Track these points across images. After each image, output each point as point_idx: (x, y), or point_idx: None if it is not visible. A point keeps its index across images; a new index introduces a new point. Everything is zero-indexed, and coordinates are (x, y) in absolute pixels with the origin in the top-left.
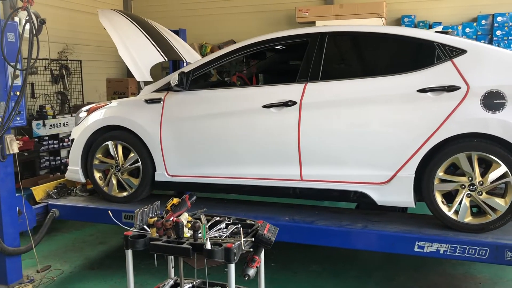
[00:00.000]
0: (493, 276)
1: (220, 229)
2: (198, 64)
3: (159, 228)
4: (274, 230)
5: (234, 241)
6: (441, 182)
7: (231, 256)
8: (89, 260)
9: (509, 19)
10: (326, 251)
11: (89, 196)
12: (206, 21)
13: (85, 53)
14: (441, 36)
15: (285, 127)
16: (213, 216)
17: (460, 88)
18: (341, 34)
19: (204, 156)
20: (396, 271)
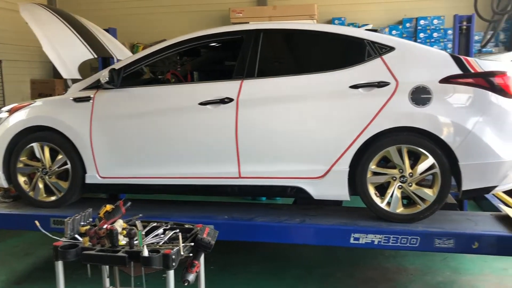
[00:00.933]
0: (423, 266)
1: (157, 235)
2: (130, 60)
3: (92, 236)
4: (213, 234)
5: (172, 247)
6: (373, 175)
7: (170, 262)
8: (15, 274)
9: (431, 22)
10: (266, 252)
11: (13, 202)
12: (138, 20)
13: (6, 52)
14: (370, 33)
15: (222, 125)
16: (149, 222)
17: (389, 84)
18: (276, 31)
19: (138, 156)
20: (334, 267)
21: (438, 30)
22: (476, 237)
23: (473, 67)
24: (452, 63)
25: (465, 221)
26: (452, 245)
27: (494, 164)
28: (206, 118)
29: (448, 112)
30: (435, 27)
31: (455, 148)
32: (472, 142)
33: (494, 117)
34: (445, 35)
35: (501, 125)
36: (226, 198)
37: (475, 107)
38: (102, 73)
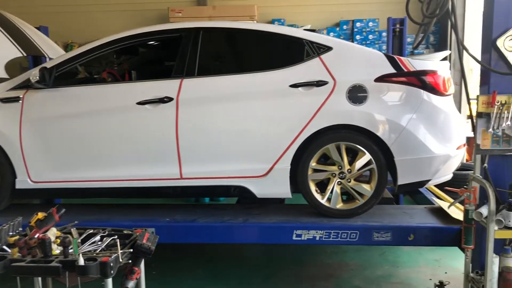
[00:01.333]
0: (363, 261)
1: (94, 243)
2: (63, 59)
3: (21, 247)
4: (154, 239)
5: (110, 254)
6: (314, 172)
7: (108, 270)
8: None
9: (366, 25)
10: (209, 254)
11: None
12: (72, 18)
13: None
14: (309, 33)
15: (162, 125)
16: (86, 229)
17: (328, 83)
18: (216, 30)
19: (74, 159)
20: (277, 266)
21: (373, 32)
22: (411, 230)
23: (406, 66)
24: (387, 62)
25: (401, 214)
26: (390, 238)
27: (427, 159)
28: (144, 118)
29: (383, 110)
30: (371, 30)
31: (390, 145)
32: (406, 138)
33: (426, 114)
34: (380, 37)
35: (433, 121)
36: (168, 200)
37: (409, 105)
38: (32, 72)
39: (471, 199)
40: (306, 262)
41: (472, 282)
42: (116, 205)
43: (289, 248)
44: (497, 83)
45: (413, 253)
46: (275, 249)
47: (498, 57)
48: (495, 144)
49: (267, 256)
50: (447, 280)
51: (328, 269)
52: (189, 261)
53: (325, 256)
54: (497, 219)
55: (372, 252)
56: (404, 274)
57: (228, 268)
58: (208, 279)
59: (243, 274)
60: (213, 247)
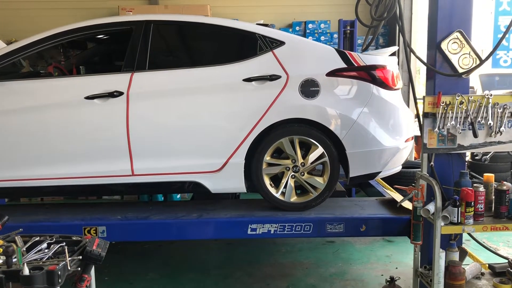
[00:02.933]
0: (317, 260)
1: (40, 250)
2: (5, 51)
3: None
4: (104, 245)
5: (58, 262)
6: (268, 166)
7: (55, 279)
8: None
9: (318, 26)
10: (161, 257)
11: None
12: (16, 15)
13: None
14: (262, 28)
15: (112, 120)
16: (31, 236)
17: (280, 77)
18: (167, 23)
19: (18, 156)
20: (232, 267)
21: (325, 33)
22: (363, 221)
23: (356, 61)
24: (338, 57)
25: (354, 206)
26: (342, 229)
27: (377, 152)
28: (93, 113)
29: (334, 104)
30: (322, 31)
31: (342, 138)
32: (357, 131)
33: (376, 108)
34: (331, 39)
35: (382, 115)
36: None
37: (359, 99)
38: None
39: (419, 196)
40: (261, 262)
41: (421, 276)
42: (64, 204)
43: (244, 248)
44: (442, 84)
45: (365, 250)
46: (229, 249)
47: (443, 59)
48: (441, 143)
49: (222, 257)
50: (398, 276)
51: (283, 268)
52: (141, 265)
53: (280, 255)
54: (443, 215)
55: (326, 250)
56: (357, 271)
57: (181, 270)
58: (161, 282)
59: (197, 276)
60: (167, 249)
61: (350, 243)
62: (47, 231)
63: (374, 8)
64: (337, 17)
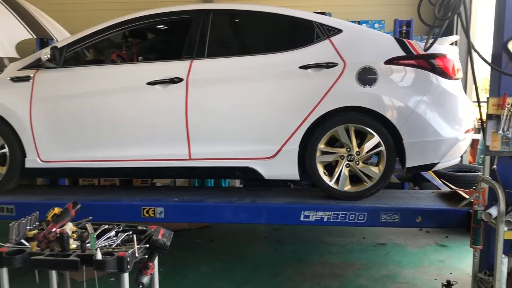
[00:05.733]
0: (367, 261)
1: (109, 238)
2: (72, 39)
3: (40, 241)
4: (168, 235)
5: (126, 249)
6: (322, 154)
7: (124, 265)
8: None
9: (372, 26)
10: (214, 251)
11: None
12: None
13: None
14: (319, 16)
15: (171, 105)
16: (100, 224)
17: (337, 64)
18: (225, 11)
19: (83, 138)
20: (282, 265)
21: None
22: (419, 211)
23: (415, 49)
24: (396, 45)
25: (409, 198)
26: (397, 219)
27: (436, 142)
28: (154, 98)
29: (392, 92)
30: None
31: (399, 127)
32: (415, 121)
33: (435, 97)
34: None
35: (441, 104)
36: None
37: (417, 88)
38: (42, 51)
39: (480, 200)
40: (311, 261)
41: (480, 282)
42: (123, 186)
43: (293, 247)
44: (507, 85)
45: (418, 254)
46: (280, 248)
47: (509, 60)
48: (505, 146)
49: (272, 255)
50: (454, 280)
51: (333, 268)
52: (194, 258)
53: (330, 255)
54: (506, 220)
55: (377, 252)
56: (409, 274)
57: (233, 265)
58: (213, 276)
59: (248, 272)
60: (218, 244)
61: (401, 246)
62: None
63: (438, 7)
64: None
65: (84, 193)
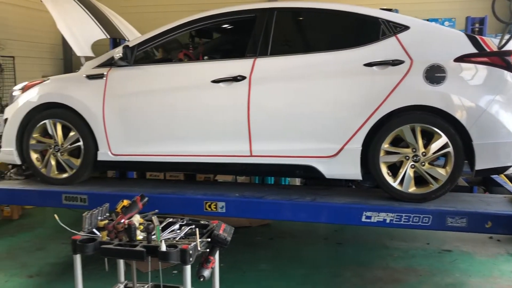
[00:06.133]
0: (432, 268)
1: (173, 231)
2: (143, 38)
3: (110, 231)
4: (229, 230)
5: (189, 242)
6: (386, 154)
7: (187, 257)
8: (27, 267)
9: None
10: (272, 250)
11: (25, 179)
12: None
13: (19, 49)
14: (385, 13)
15: (234, 102)
16: (165, 217)
17: (404, 62)
18: (289, 10)
19: (150, 134)
20: (342, 267)
21: None
22: (489, 217)
23: (488, 46)
24: (467, 42)
25: (478, 202)
26: (465, 224)
27: (508, 144)
28: (218, 95)
29: (462, 91)
30: None
31: (469, 128)
32: (486, 121)
33: (509, 96)
34: None
35: None
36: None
37: (490, 86)
38: (115, 50)
39: None
40: (371, 265)
41: None
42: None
43: (354, 249)
44: None
45: (487, 263)
46: (340, 250)
47: None
48: None
49: (332, 256)
50: None
51: (395, 273)
52: (253, 255)
53: (392, 260)
54: None
55: (442, 259)
56: (477, 283)
57: (292, 264)
58: (272, 274)
59: (307, 272)
60: (278, 243)
61: (469, 253)
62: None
63: None
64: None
65: (151, 186)
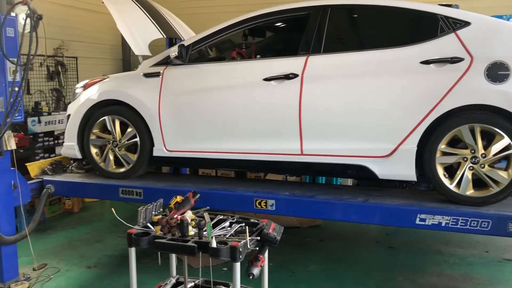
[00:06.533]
0: (490, 277)
1: (224, 228)
2: (197, 38)
3: (163, 226)
4: (279, 229)
5: (239, 240)
6: (443, 155)
7: (237, 254)
8: (85, 258)
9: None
10: (323, 253)
11: (85, 173)
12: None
13: (81, 50)
14: (444, 9)
15: (286, 100)
16: (216, 214)
17: (463, 59)
18: (344, 7)
19: (203, 131)
20: (394, 271)
21: None
22: None
23: None
24: None
25: None
26: None
27: None
28: (270, 93)
29: None
30: None
31: None
32: None
33: None
34: None
35: None
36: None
37: None
38: (171, 49)
39: None
40: (425, 270)
41: None
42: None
43: (407, 254)
44: None
45: None
46: (392, 254)
47: None
48: None
49: (383, 260)
50: None
51: (450, 280)
52: (303, 256)
53: (447, 266)
54: None
55: (502, 268)
56: None
57: (342, 267)
58: (321, 276)
59: (358, 275)
60: (328, 245)
61: None
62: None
63: None
64: None
65: (203, 182)
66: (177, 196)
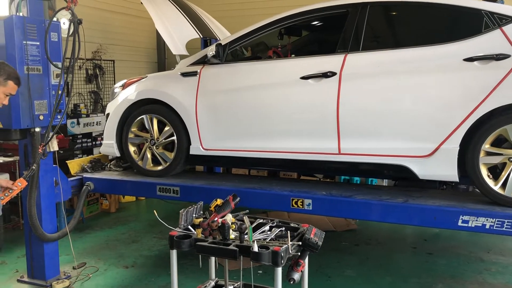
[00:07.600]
0: None
1: (264, 232)
2: (234, 37)
3: (205, 228)
4: (320, 235)
5: (280, 244)
6: (487, 155)
7: (279, 259)
8: (123, 258)
9: None
10: (359, 257)
11: (123, 171)
12: None
13: (118, 53)
14: (489, 4)
15: (323, 99)
16: (256, 218)
17: (509, 56)
18: (384, 4)
19: (240, 129)
20: (432, 278)
21: None
22: None
23: None
24: None
25: None
26: None
27: None
28: (307, 92)
29: None
30: None
31: None
32: None
33: None
34: None
35: None
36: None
37: None
38: (208, 48)
39: None
40: (465, 278)
41: None
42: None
43: (446, 260)
44: None
45: None
46: (430, 260)
47: None
48: None
49: (421, 266)
50: None
51: None
52: (338, 260)
53: (488, 274)
54: None
55: None
56: None
57: (378, 272)
58: (358, 281)
59: (395, 281)
60: (364, 249)
61: None
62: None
63: None
64: None
65: (238, 181)
66: (217, 199)
